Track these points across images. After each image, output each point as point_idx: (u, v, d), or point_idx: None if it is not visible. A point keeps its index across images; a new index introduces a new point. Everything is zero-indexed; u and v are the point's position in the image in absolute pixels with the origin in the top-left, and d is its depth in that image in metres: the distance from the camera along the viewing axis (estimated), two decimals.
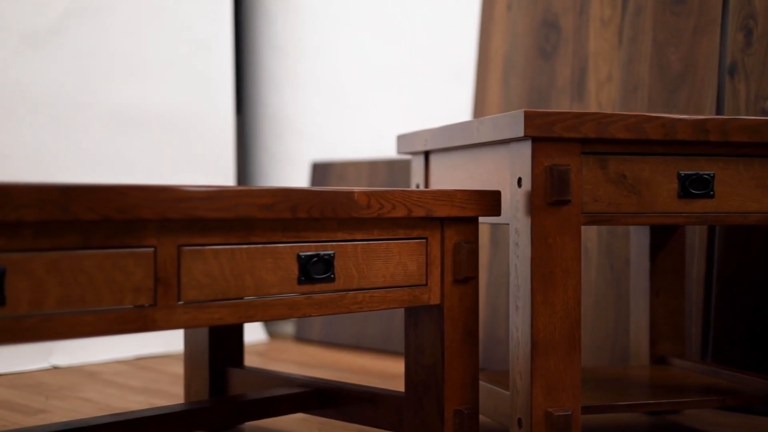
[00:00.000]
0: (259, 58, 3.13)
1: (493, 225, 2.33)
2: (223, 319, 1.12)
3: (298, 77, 3.01)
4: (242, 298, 1.14)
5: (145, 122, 2.69)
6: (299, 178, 3.01)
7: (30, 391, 2.09)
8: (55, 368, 2.41)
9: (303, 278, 1.19)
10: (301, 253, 1.19)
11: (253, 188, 1.12)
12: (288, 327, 3.03)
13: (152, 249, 1.06)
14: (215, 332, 1.71)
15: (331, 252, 1.22)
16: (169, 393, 2.07)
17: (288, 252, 1.18)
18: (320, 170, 2.88)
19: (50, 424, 1.32)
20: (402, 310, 2.63)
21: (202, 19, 2.83)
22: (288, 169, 3.04)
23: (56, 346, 2.44)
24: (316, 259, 1.20)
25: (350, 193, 1.21)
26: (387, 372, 2.35)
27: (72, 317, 0.99)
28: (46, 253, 0.97)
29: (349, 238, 1.24)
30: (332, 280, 1.22)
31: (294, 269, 1.19)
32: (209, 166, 2.84)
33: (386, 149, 2.80)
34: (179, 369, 2.39)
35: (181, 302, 1.08)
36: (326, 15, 2.94)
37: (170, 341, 2.68)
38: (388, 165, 2.70)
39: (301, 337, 2.89)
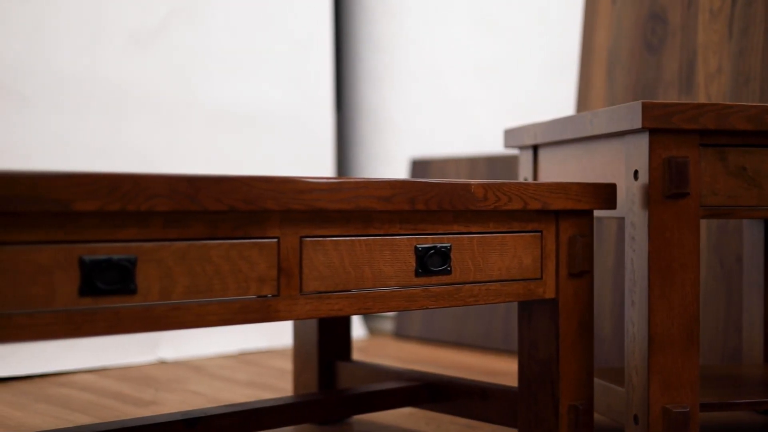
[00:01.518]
0: (358, 55, 3.14)
1: (594, 219, 2.30)
2: (342, 310, 1.13)
3: (397, 73, 3.02)
4: (361, 290, 1.14)
5: (245, 120, 2.73)
6: (397, 176, 3.01)
7: (139, 384, 2.14)
8: (162, 362, 2.45)
9: (420, 270, 1.19)
10: (418, 245, 1.19)
11: (373, 180, 1.12)
12: (387, 323, 3.04)
13: (275, 240, 1.07)
14: (324, 326, 1.72)
15: (448, 244, 1.22)
16: (275, 386, 2.10)
17: (405, 244, 1.18)
18: (419, 167, 2.88)
19: (169, 413, 1.34)
20: (503, 307, 2.61)
21: (302, 16, 2.86)
22: (386, 167, 3.05)
23: (163, 340, 2.48)
24: (433, 251, 1.20)
25: (467, 185, 1.21)
26: (488, 369, 2.34)
27: (199, 306, 1.01)
28: (174, 243, 0.99)
29: (465, 230, 1.24)
30: (449, 272, 1.22)
31: (411, 261, 1.19)
32: (308, 164, 2.86)
33: (486, 145, 2.78)
34: (282, 363, 2.42)
35: (302, 293, 1.09)
36: (425, 9, 2.94)
37: (272, 336, 2.70)
38: (488, 161, 2.69)
39: (400, 334, 2.89)
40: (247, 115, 2.73)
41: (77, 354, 2.32)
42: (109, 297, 0.95)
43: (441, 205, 1.19)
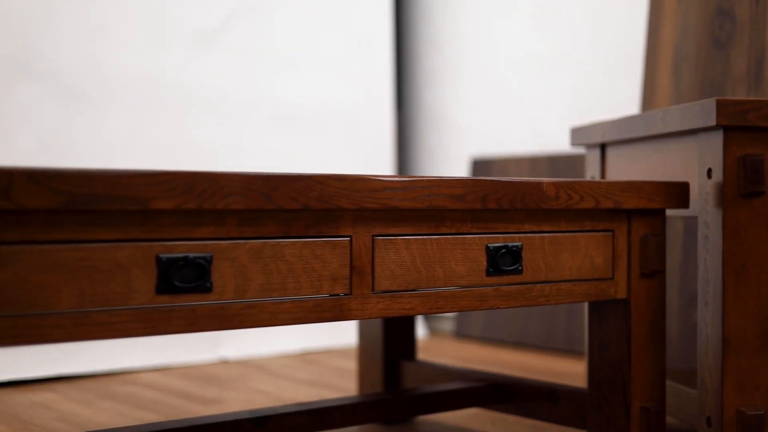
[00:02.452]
0: (418, 53, 3.14)
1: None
2: (414, 309, 1.12)
3: (457, 71, 3.01)
4: (432, 289, 1.14)
5: (307, 118, 2.73)
6: (458, 175, 3.00)
7: (202, 382, 2.15)
8: (223, 361, 2.47)
9: (491, 270, 1.18)
10: (489, 245, 1.18)
11: (445, 178, 1.12)
12: (447, 323, 3.02)
13: (348, 238, 1.07)
14: (389, 325, 1.71)
15: (519, 244, 1.21)
16: (337, 386, 2.10)
17: (477, 243, 1.17)
18: (479, 166, 2.87)
19: (237, 412, 1.35)
20: (565, 307, 2.59)
21: (363, 15, 2.86)
22: (446, 166, 3.04)
23: (224, 339, 2.50)
24: (504, 250, 1.19)
25: (539, 184, 1.20)
26: (551, 370, 2.32)
27: (273, 305, 1.01)
28: (249, 242, 0.99)
29: (536, 229, 1.23)
30: (520, 272, 1.21)
31: (482, 260, 1.18)
32: (368, 163, 2.86)
33: (548, 143, 2.76)
34: (343, 362, 2.42)
35: (374, 291, 1.09)
36: (486, 7, 2.93)
37: (332, 336, 2.71)
38: (550, 160, 2.66)
39: (460, 334, 2.88)
40: (307, 114, 2.73)
41: (140, 352, 2.34)
42: (186, 295, 0.95)
43: (513, 204, 1.18)
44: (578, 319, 2.56)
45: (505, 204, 1.17)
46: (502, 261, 1.19)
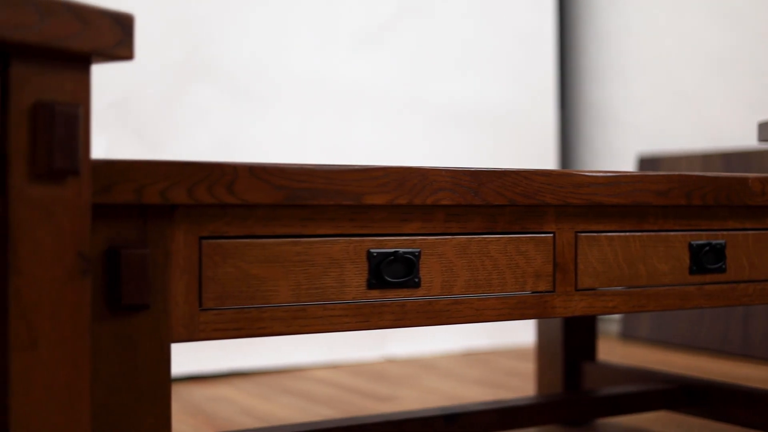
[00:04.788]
0: (582, 49, 3.09)
1: None
2: (617, 307, 1.10)
3: (623, 66, 2.94)
4: (635, 287, 1.11)
5: (469, 117, 2.72)
6: None
7: (372, 379, 2.17)
8: (389, 360, 2.48)
9: (695, 268, 1.15)
10: (692, 242, 1.14)
11: (649, 174, 1.09)
12: (613, 325, 2.97)
13: (551, 234, 1.05)
14: (569, 325, 1.69)
15: (722, 241, 1.17)
16: (509, 385, 2.08)
17: (679, 240, 1.14)
18: (647, 164, 2.80)
19: (428, 408, 1.35)
20: (740, 310, 2.50)
21: (526, 12, 2.83)
22: (611, 164, 2.98)
23: (391, 337, 2.51)
24: (707, 248, 1.15)
25: (744, 179, 1.15)
26: (727, 374, 2.25)
27: (479, 301, 1.00)
28: (455, 237, 0.99)
29: (739, 226, 1.18)
30: (723, 270, 1.17)
31: (685, 258, 1.14)
32: (531, 161, 2.83)
33: (720, 139, 2.67)
34: (509, 362, 2.40)
35: (577, 289, 1.07)
36: (653, 0, 2.86)
37: (494, 334, 2.69)
38: (724, 157, 2.58)
39: (627, 335, 2.82)
40: (471, 111, 2.73)
41: (311, 349, 2.37)
42: (395, 290, 0.95)
43: (717, 200, 1.14)
44: (757, 322, 2.46)
45: (709, 200, 1.13)
46: (706, 259, 1.16)
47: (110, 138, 2.21)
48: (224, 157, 2.34)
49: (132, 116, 2.23)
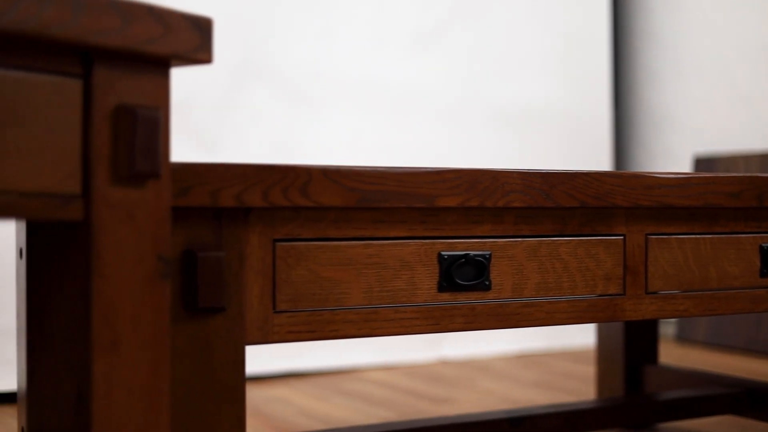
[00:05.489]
0: (636, 49, 3.06)
1: None
2: (687, 310, 1.08)
3: (678, 66, 2.91)
4: (705, 290, 1.09)
5: (523, 118, 2.71)
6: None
7: (428, 381, 2.16)
8: (443, 361, 2.47)
9: (765, 270, 1.13)
10: (763, 244, 1.13)
11: (720, 175, 1.07)
12: (669, 327, 2.93)
13: (621, 237, 1.04)
14: (630, 327, 1.67)
15: None
16: (567, 388, 2.06)
17: (750, 243, 1.12)
18: (703, 165, 2.77)
19: (493, 411, 1.34)
20: None
21: (579, 13, 2.81)
22: (666, 165, 2.95)
23: (446, 339, 2.51)
24: None
25: None
26: None
27: (549, 304, 0.99)
28: (526, 239, 0.98)
29: None
30: None
31: (756, 261, 1.13)
32: (585, 162, 2.81)
33: None
34: (565, 364, 2.38)
35: (647, 292, 1.06)
36: None
37: (549, 336, 2.67)
38: None
39: (682, 337, 2.79)
40: (524, 113, 2.71)
41: (365, 350, 2.37)
42: (466, 293, 0.95)
43: None
44: None
45: None
46: None
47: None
48: (279, 159, 2.35)
49: (189, 118, 2.25)
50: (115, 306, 0.70)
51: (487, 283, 0.96)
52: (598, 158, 2.84)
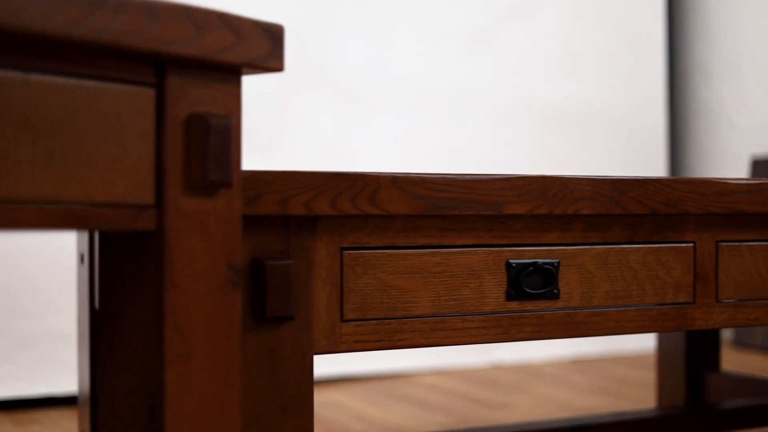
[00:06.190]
0: (692, 49, 3.01)
1: None
2: (758, 319, 1.06)
3: (735, 66, 2.86)
4: None
5: (576, 119, 2.68)
6: (737, 175, 2.86)
7: (482, 386, 2.15)
8: (496, 366, 2.46)
9: None
10: None
11: None
12: (725, 333, 2.89)
13: (691, 244, 1.02)
14: (692, 333, 1.64)
15: None
16: (623, 394, 2.04)
17: None
18: (762, 166, 2.72)
19: (553, 420, 1.32)
20: None
21: (635, 13, 2.77)
22: (722, 166, 2.90)
23: (500, 343, 2.49)
24: None
25: None
26: None
27: (618, 313, 0.98)
28: (594, 247, 0.96)
29: None
30: None
31: None
32: (640, 163, 2.78)
33: None
34: (620, 369, 2.35)
35: (718, 300, 1.03)
36: None
37: (603, 340, 2.64)
38: None
39: (739, 343, 2.74)
40: (577, 114, 2.68)
41: (418, 355, 2.36)
42: (534, 301, 0.93)
43: None
44: None
45: None
46: None
47: None
48: (332, 161, 2.34)
49: (243, 120, 2.25)
50: (188, 317, 0.69)
51: (555, 291, 0.94)
52: (653, 159, 2.80)
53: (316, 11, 2.34)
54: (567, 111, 2.67)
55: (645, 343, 2.72)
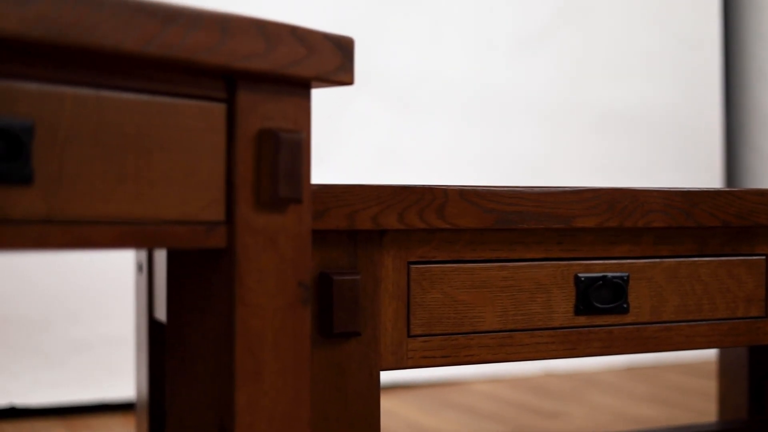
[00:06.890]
0: (749, 51, 2.96)
1: None
2: None
3: None
4: None
5: (630, 123, 2.65)
6: None
7: (535, 394, 2.12)
8: (548, 373, 2.43)
9: None
10: None
11: None
12: None
13: (764, 257, 0.99)
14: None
15: None
16: (681, 404, 2.00)
17: None
18: None
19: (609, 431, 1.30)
20: None
21: (690, 14, 2.73)
22: None
23: None
24: None
25: None
26: None
27: (689, 327, 0.95)
28: (664, 260, 0.94)
29: None
30: None
31: None
32: (695, 168, 2.74)
33: None
34: (676, 377, 2.32)
35: None
36: None
37: None
38: None
39: None
40: (631, 117, 2.65)
41: None
42: (603, 316, 0.91)
43: None
44: None
45: None
46: None
47: None
48: (386, 166, 2.33)
49: None
50: (258, 335, 0.68)
51: (625, 306, 0.92)
52: (709, 163, 2.76)
53: (368, 15, 2.33)
54: (621, 114, 2.63)
55: (702, 351, 2.68)
